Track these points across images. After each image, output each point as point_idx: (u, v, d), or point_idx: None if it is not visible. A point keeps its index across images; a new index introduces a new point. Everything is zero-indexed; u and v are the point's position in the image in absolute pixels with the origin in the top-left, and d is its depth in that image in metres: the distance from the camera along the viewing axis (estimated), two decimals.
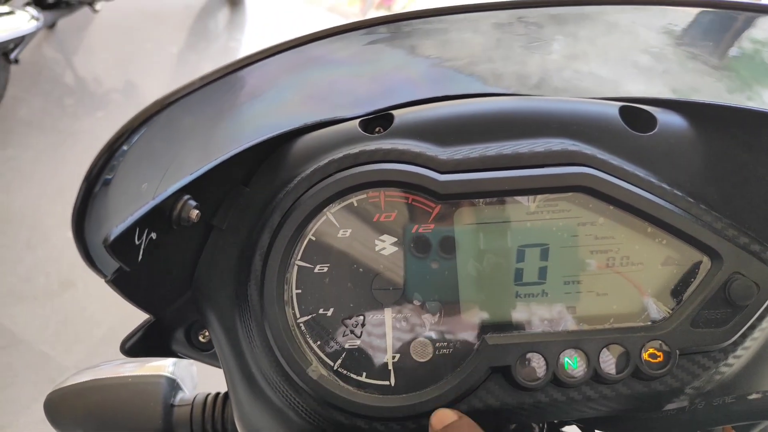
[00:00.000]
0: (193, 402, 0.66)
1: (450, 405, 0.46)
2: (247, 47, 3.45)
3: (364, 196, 0.49)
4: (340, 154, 0.50)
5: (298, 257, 0.49)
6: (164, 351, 0.58)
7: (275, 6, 3.75)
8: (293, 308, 0.49)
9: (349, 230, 0.49)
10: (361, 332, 0.48)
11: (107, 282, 0.45)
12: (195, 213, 0.47)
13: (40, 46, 3.14)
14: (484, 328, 0.48)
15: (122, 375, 0.68)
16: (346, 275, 0.49)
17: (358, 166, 0.49)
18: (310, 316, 0.49)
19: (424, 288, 0.49)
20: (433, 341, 0.48)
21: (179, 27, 3.52)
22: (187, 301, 0.56)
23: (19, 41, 2.51)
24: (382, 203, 0.49)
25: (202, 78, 0.36)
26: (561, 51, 0.66)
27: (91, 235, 0.39)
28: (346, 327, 0.48)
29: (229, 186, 0.53)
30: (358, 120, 0.54)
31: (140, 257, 0.44)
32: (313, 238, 0.49)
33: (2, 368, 1.99)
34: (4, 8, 2.39)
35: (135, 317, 0.56)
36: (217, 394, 0.67)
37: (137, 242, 0.42)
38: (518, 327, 0.48)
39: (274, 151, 0.54)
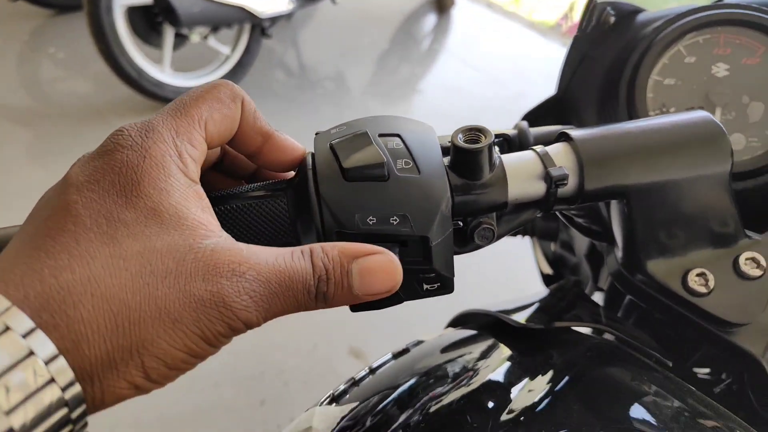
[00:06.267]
0: None
1: None
2: (449, 50, 3.81)
3: (709, 36, 0.71)
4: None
5: (656, 73, 0.72)
6: None
7: (478, 19, 4.10)
8: None
9: (694, 58, 0.71)
10: None
11: None
12: None
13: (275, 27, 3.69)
14: None
15: None
16: (688, 86, 0.70)
17: (708, 11, 0.71)
18: None
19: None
20: None
21: (391, 27, 3.96)
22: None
23: (276, 20, 3.01)
24: (721, 41, 0.71)
25: None
26: None
27: None
28: None
29: None
30: None
31: None
32: (667, 62, 0.72)
33: None
34: None
35: None
36: None
37: None
38: None
39: None
